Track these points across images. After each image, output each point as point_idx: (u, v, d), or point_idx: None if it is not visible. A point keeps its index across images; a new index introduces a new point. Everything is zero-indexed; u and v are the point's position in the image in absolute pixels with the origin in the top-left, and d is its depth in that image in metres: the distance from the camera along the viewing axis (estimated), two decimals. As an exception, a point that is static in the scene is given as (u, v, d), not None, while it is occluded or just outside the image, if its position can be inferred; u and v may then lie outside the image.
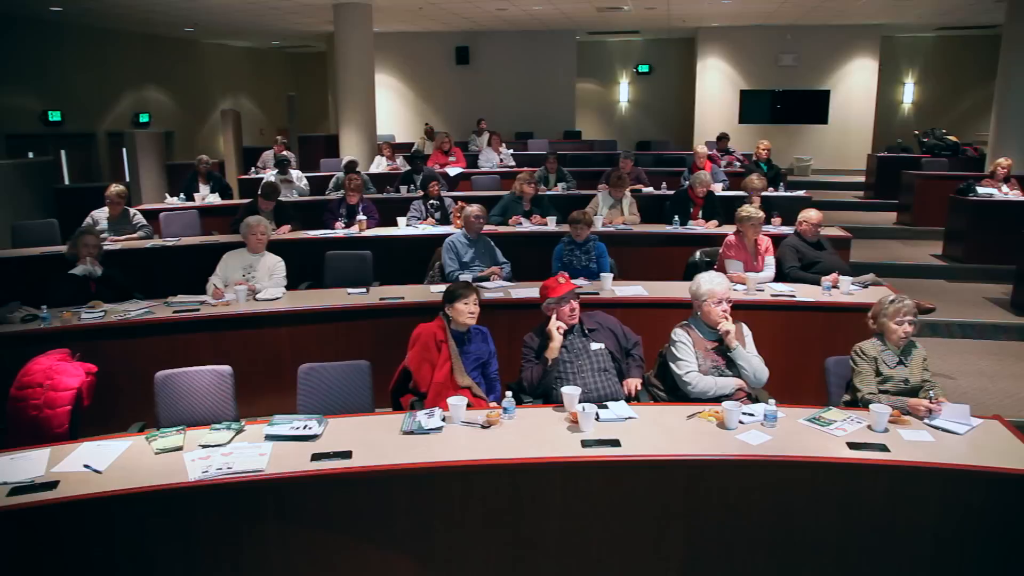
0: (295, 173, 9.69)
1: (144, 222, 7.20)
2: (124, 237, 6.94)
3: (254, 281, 5.37)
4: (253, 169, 11.78)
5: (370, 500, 2.97)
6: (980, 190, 8.59)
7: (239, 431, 3.24)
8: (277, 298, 5.22)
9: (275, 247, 5.80)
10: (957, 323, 6.67)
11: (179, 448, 3.08)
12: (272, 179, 8.41)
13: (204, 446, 3.08)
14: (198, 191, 9.10)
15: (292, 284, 5.64)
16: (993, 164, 9.01)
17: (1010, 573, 2.99)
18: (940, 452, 3.06)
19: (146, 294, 5.29)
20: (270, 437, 3.17)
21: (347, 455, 3.00)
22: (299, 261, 6.17)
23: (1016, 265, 7.26)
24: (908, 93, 16.93)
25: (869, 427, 3.25)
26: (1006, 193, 8.58)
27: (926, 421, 3.30)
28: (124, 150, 13.79)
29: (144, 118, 14.49)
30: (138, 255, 6.70)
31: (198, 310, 4.94)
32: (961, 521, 2.97)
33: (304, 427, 3.23)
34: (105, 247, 5.61)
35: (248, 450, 3.05)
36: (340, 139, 12.00)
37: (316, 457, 2.99)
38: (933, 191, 9.95)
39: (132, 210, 7.28)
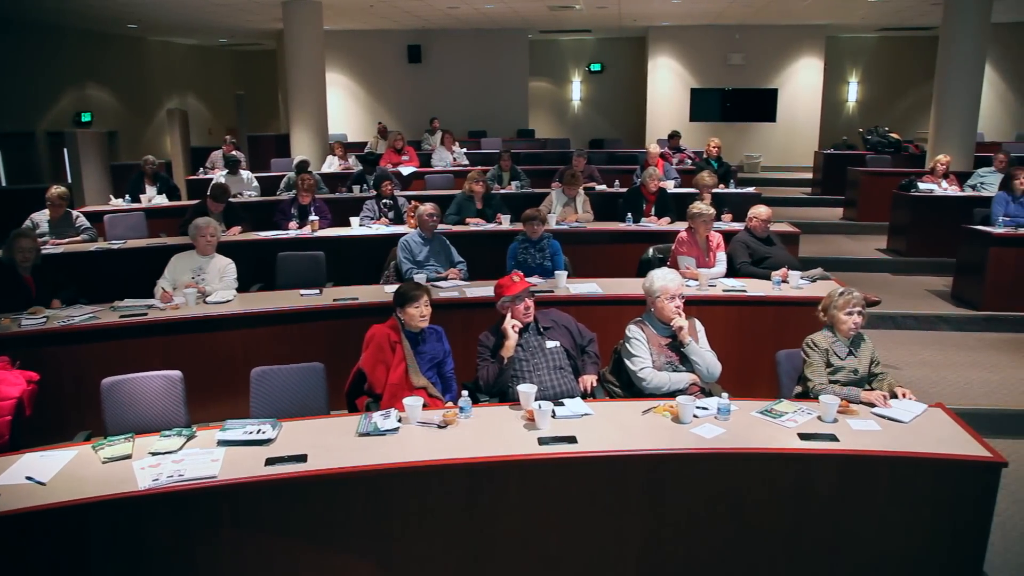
0: (245, 174, 9.53)
1: (87, 225, 7.00)
2: (67, 240, 6.75)
3: (204, 284, 5.27)
4: (202, 170, 11.55)
5: (327, 504, 2.94)
6: (921, 186, 8.85)
7: (190, 437, 3.17)
8: (228, 300, 5.12)
9: (225, 249, 5.71)
10: (901, 315, 6.88)
11: (128, 456, 3.00)
12: (222, 180, 8.25)
13: (154, 453, 3.01)
14: (144, 192, 8.88)
15: (243, 286, 5.55)
16: (933, 161, 9.30)
17: (954, 554, 3.10)
18: (887, 440, 3.15)
19: (91, 299, 5.14)
20: (223, 443, 3.11)
21: (302, 459, 2.96)
22: (250, 263, 6.07)
23: (955, 258, 7.52)
24: (852, 92, 17.35)
25: (819, 418, 3.32)
26: (945, 189, 8.86)
27: (874, 411, 3.38)
28: (65, 150, 13.35)
29: (86, 117, 14.06)
30: (82, 259, 6.51)
31: (146, 314, 4.82)
32: (907, 506, 3.06)
33: (258, 431, 3.17)
34: (46, 251, 5.44)
35: (200, 456, 2.98)
36: (291, 139, 11.84)
37: (270, 462, 2.94)
38: (877, 187, 10.24)
39: (75, 212, 7.08)
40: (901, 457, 3.03)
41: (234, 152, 11.16)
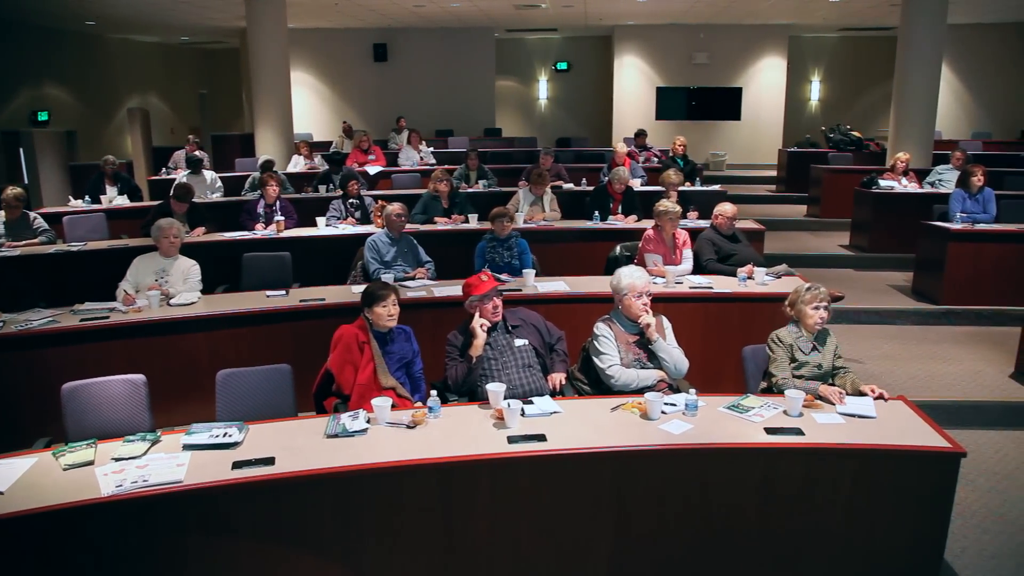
0: (209, 174, 9.39)
1: (46, 226, 6.85)
2: (24, 243, 6.60)
3: (168, 286, 5.19)
4: (164, 170, 11.37)
5: (296, 507, 2.91)
6: (882, 183, 9.02)
7: (155, 442, 3.12)
8: (192, 302, 5.05)
9: (189, 250, 5.62)
10: (864, 310, 7.00)
11: (90, 463, 2.94)
12: (184, 180, 8.12)
13: (117, 459, 2.95)
14: (104, 193, 8.72)
15: (208, 288, 5.48)
16: (893, 158, 9.48)
17: (916, 542, 3.17)
18: (850, 433, 3.20)
19: (50, 302, 5.03)
20: (188, 447, 3.06)
21: (270, 462, 2.93)
22: (215, 264, 5.99)
23: (915, 254, 7.67)
24: (815, 91, 17.63)
25: (785, 412, 3.37)
26: (905, 186, 9.04)
27: (837, 410, 3.43)
28: (21, 150, 13.06)
29: (43, 116, 13.75)
30: (40, 261, 6.37)
31: (108, 317, 4.74)
32: (871, 496, 3.12)
33: (224, 435, 3.13)
34: (2, 253, 5.31)
35: (165, 461, 2.93)
36: (256, 138, 11.69)
37: (237, 465, 2.91)
38: (839, 184, 10.42)
39: (32, 214, 6.93)
40: (865, 449, 3.09)
41: (197, 152, 11.01)
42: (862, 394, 3.59)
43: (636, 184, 8.76)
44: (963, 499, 3.97)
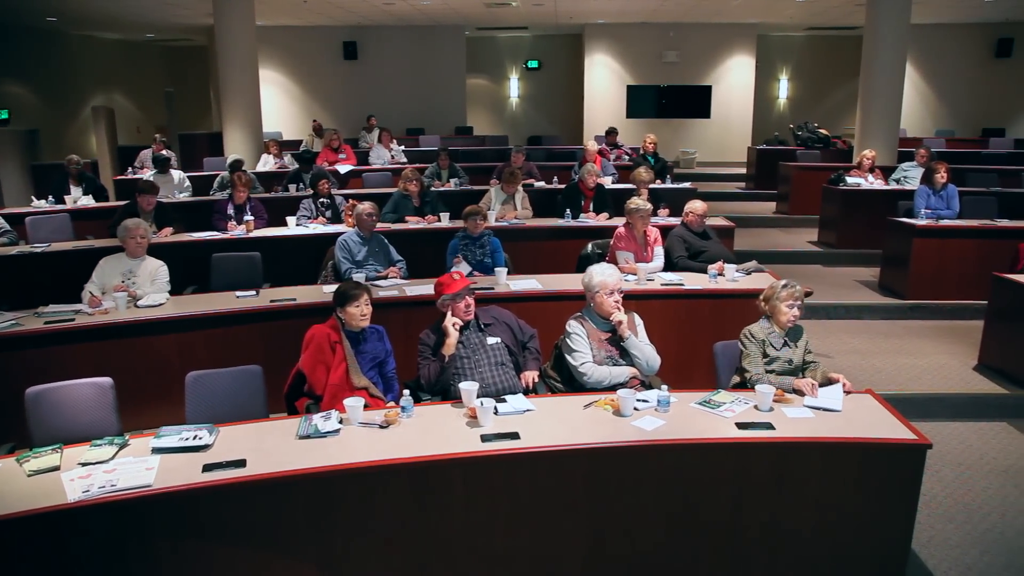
0: (176, 173, 9.26)
1: (7, 227, 6.72)
2: (-14, 244, 6.46)
3: (135, 287, 5.11)
4: (130, 169, 11.19)
5: (268, 509, 2.88)
6: (849, 180, 9.16)
7: (123, 446, 3.07)
8: (161, 304, 4.98)
9: (157, 251, 5.54)
10: (832, 305, 7.10)
11: (55, 468, 2.89)
12: (151, 179, 8.00)
13: (84, 464, 2.90)
14: (69, 193, 8.54)
15: (177, 289, 5.41)
16: (859, 156, 9.63)
17: (884, 533, 3.22)
18: (820, 427, 3.25)
19: (12, 305, 4.92)
20: (157, 450, 3.02)
21: (241, 464, 2.90)
22: (183, 265, 5.91)
23: (882, 249, 7.80)
24: (783, 89, 17.84)
25: (756, 407, 3.40)
26: (872, 183, 9.19)
27: (805, 403, 3.48)
28: (-18, 150, 12.79)
29: (3, 115, 13.46)
30: (2, 263, 6.23)
31: (73, 319, 4.65)
32: (840, 488, 3.17)
33: (194, 437, 3.09)
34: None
35: (134, 465, 2.89)
36: (224, 137, 11.55)
37: (208, 468, 2.87)
38: (807, 181, 10.55)
39: (-7, 215, 6.78)
40: (833, 442, 3.14)
41: (164, 151, 10.83)
42: (832, 381, 3.64)
43: (607, 182, 8.79)
44: (929, 489, 4.04)
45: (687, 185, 9.34)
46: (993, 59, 16.32)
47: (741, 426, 3.23)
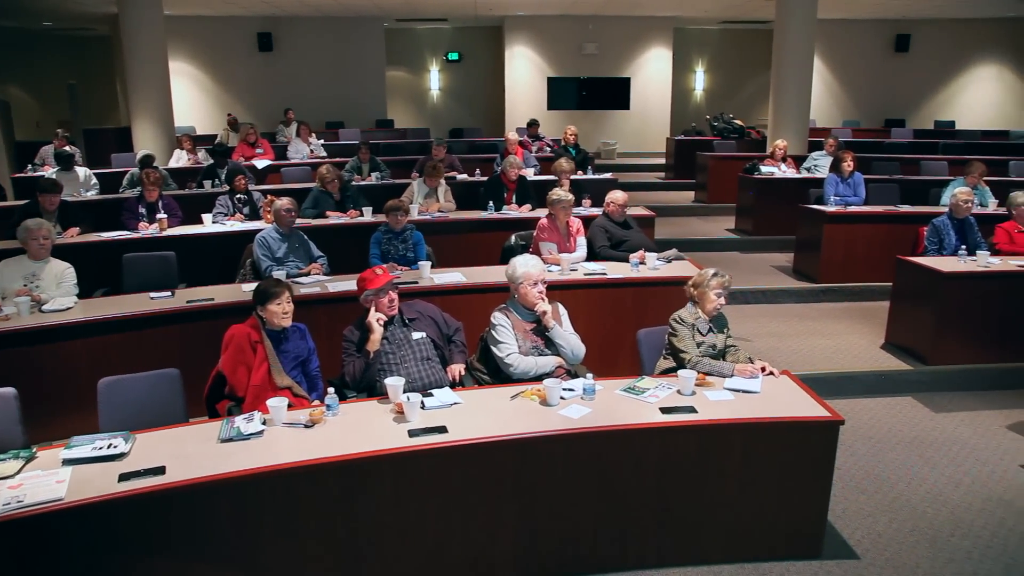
0: (81, 170, 8.83)
1: None
2: None
3: (39, 291, 4.86)
4: (30, 167, 10.61)
5: (190, 516, 2.79)
6: (763, 169, 9.47)
7: (30, 459, 2.92)
8: (68, 308, 4.75)
9: (63, 252, 5.29)
10: (750, 290, 7.33)
11: (-45, 485, 2.73)
12: (54, 177, 7.62)
13: (-13, 480, 2.75)
14: (-38, 193, 8.07)
15: (85, 292, 5.17)
16: (772, 146, 9.96)
17: (802, 506, 3.38)
18: (740, 408, 3.36)
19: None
20: (68, 461, 2.88)
21: (160, 471, 2.79)
22: (92, 266, 5.67)
23: (795, 235, 8.09)
24: (699, 81, 18.25)
25: (679, 392, 3.49)
26: (784, 171, 9.52)
27: (725, 386, 3.58)
28: None
29: None
30: None
31: (-31, 327, 4.39)
32: (760, 466, 3.29)
33: (108, 446, 2.96)
34: None
35: (42, 479, 2.75)
36: (133, 132, 11.09)
37: (124, 477, 2.76)
38: (724, 171, 10.85)
39: None
40: (753, 423, 3.26)
41: (67, 147, 10.32)
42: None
43: (529, 173, 8.84)
44: (843, 463, 4.23)
45: (608, 176, 9.48)
46: (893, 54, 17.14)
47: (665, 411, 3.31)
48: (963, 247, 5.92)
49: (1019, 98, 17.43)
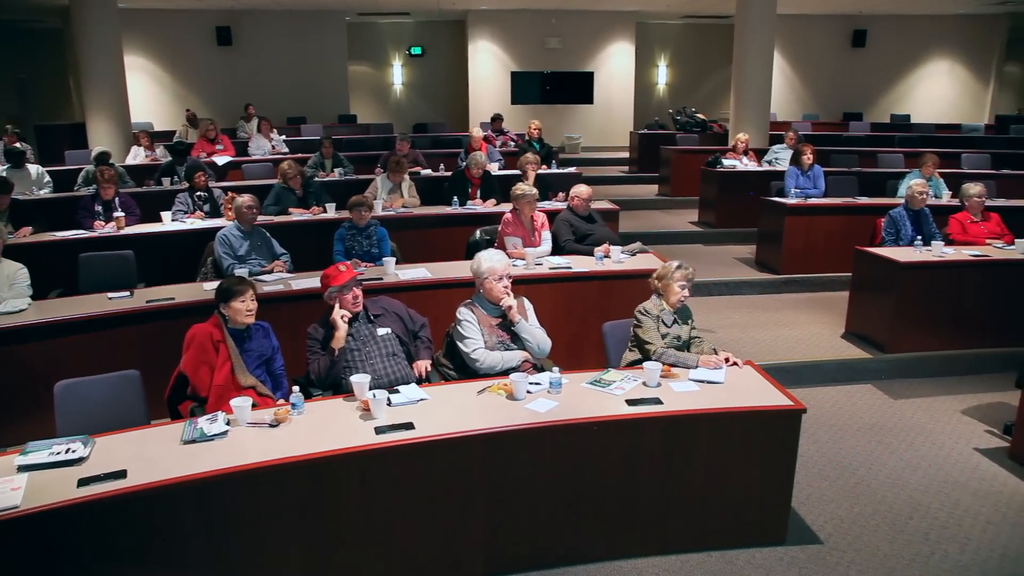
0: (33, 168, 8.59)
1: None
2: None
3: (-10, 292, 4.73)
4: (-22, 165, 10.31)
5: (153, 520, 2.74)
6: (725, 162, 9.57)
7: (-17, 465, 2.85)
8: (21, 310, 4.63)
9: (14, 252, 5.15)
10: (713, 282, 7.41)
11: (-95, 493, 2.64)
12: (3, 175, 7.41)
13: (-62, 487, 2.67)
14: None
15: (39, 293, 5.04)
16: (734, 139, 10.08)
17: (767, 493, 3.44)
18: (704, 399, 3.40)
19: None
20: (24, 468, 2.81)
21: (121, 475, 2.74)
22: (46, 267, 5.54)
23: (757, 227, 8.20)
24: (662, 75, 18.37)
25: (644, 384, 3.52)
26: (746, 164, 9.64)
27: (690, 377, 3.62)
28: None
29: None
30: None
31: (-81, 331, 4.26)
32: (725, 455, 3.34)
33: (66, 451, 2.90)
34: None
35: (-4, 486, 2.68)
36: (88, 128, 10.84)
37: (84, 482, 2.70)
38: (687, 164, 10.95)
39: None
40: (718, 413, 3.30)
41: (18, 144, 10.04)
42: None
43: (494, 168, 8.83)
44: (805, 451, 4.31)
45: (572, 170, 9.49)
46: (851, 48, 17.45)
47: (631, 403, 3.33)
48: (919, 237, 6.06)
49: (971, 93, 17.87)
